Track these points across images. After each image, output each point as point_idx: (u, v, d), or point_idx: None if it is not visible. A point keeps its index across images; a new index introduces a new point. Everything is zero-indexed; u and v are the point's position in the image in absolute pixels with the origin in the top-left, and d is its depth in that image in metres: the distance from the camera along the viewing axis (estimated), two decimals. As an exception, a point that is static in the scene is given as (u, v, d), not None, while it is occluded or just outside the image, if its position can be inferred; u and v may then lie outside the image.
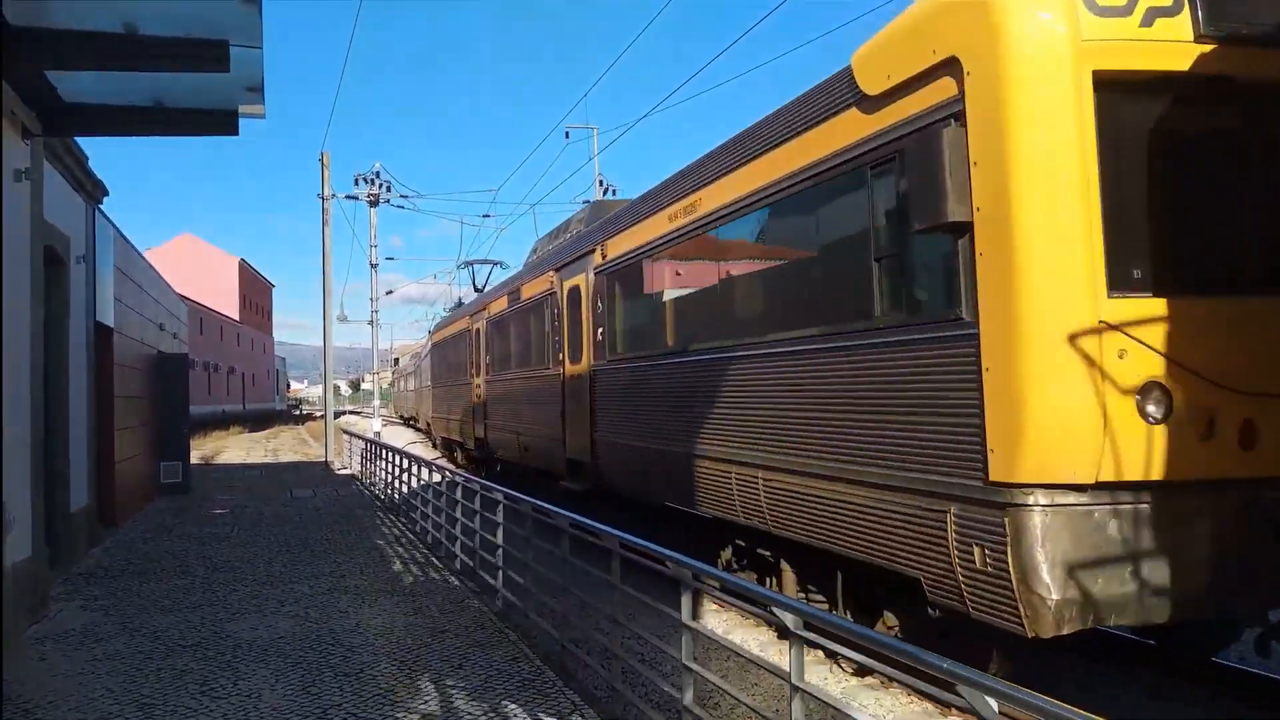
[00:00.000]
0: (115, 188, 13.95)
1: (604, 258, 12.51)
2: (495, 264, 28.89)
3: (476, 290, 27.48)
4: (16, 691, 6.59)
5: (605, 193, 30.13)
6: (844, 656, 4.81)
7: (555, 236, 17.51)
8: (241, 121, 9.46)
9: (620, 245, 11.97)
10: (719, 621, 9.57)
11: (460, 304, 31.28)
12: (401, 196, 33.77)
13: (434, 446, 34.10)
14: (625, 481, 12.07)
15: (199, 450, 34.30)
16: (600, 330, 12.68)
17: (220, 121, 9.21)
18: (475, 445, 22.15)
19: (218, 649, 7.67)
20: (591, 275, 12.98)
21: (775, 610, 4.32)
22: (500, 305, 19.30)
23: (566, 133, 29.64)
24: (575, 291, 13.85)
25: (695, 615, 6.78)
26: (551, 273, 15.14)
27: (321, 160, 29.46)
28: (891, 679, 6.99)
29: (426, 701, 6.28)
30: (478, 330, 21.81)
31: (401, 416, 63.52)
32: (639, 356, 11.39)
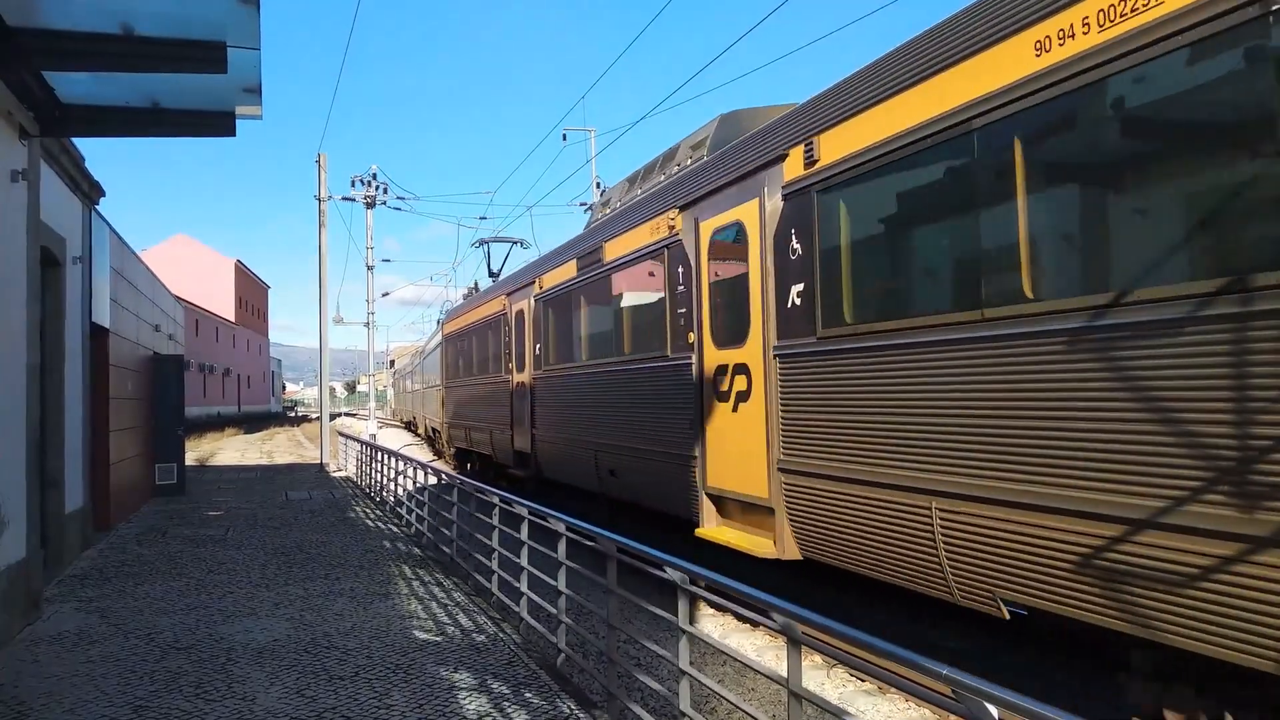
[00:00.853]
0: (111, 188, 13.92)
1: (811, 163, 7.62)
2: (515, 242, 25.98)
3: (492, 275, 24.56)
4: (10, 693, 6.57)
5: (602, 195, 29.82)
6: (842, 662, 4.79)
7: (644, 178, 12.71)
8: (239, 122, 9.45)
9: (869, 128, 6.92)
10: (715, 625, 9.56)
11: (475, 289, 26.20)
12: (398, 198, 33.74)
13: (436, 456, 31.61)
14: (869, 553, 7.04)
15: (194, 452, 34.27)
16: (797, 289, 7.84)
17: (217, 123, 9.20)
18: (515, 461, 17.40)
19: (212, 651, 7.64)
20: (773, 201, 8.22)
21: (776, 616, 4.30)
22: (563, 274, 14.46)
23: (564, 135, 29.60)
24: (729, 234, 9.12)
25: (692, 620, 6.77)
26: (673, 213, 10.29)
27: (318, 162, 29.44)
28: (891, 684, 6.96)
29: (421, 705, 6.26)
30: (520, 312, 17.03)
31: (404, 421, 58.09)
32: (930, 325, 6.30)
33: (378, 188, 33.56)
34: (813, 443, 7.65)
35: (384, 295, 48.79)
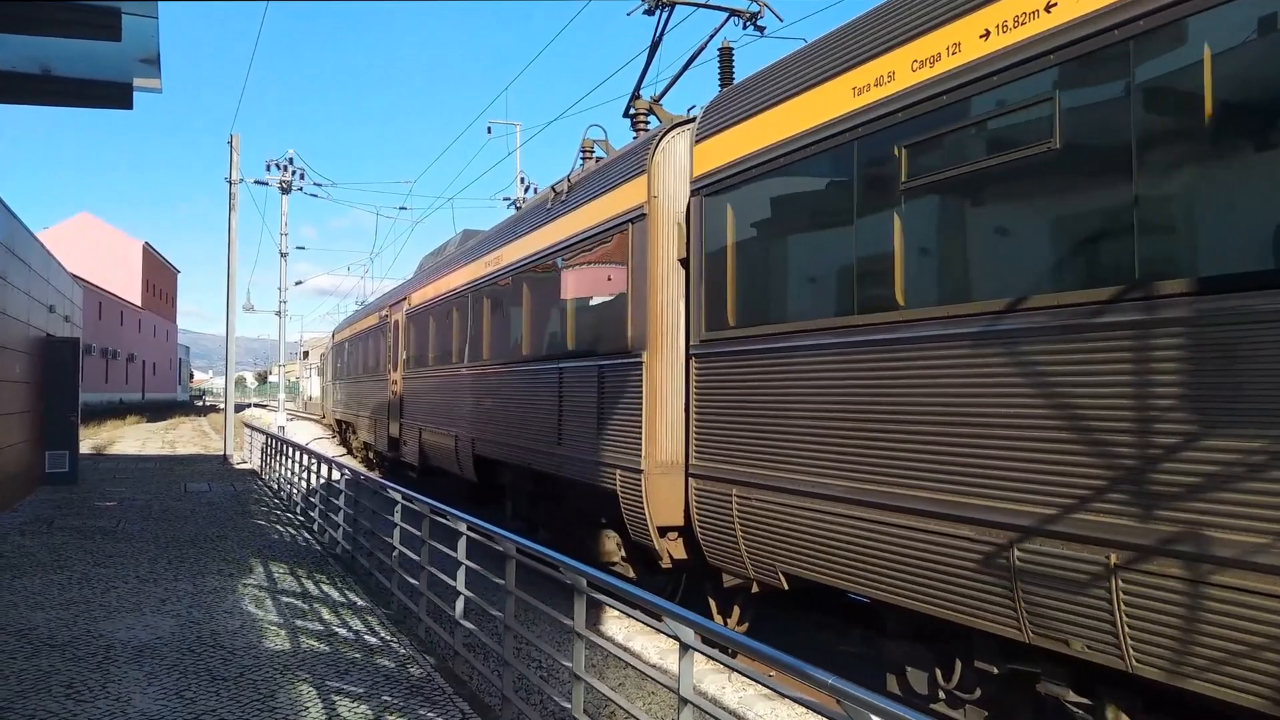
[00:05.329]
0: (6, 160, 13.25)
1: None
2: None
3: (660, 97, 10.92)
4: None
5: (526, 190, 29.24)
6: (732, 669, 4.73)
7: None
8: (139, 96, 9.03)
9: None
10: (619, 628, 9.47)
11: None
12: (315, 184, 32.92)
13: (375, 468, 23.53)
14: None
15: (91, 440, 32.94)
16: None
17: (112, 94, 8.76)
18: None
19: (89, 649, 7.27)
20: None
21: (669, 621, 4.22)
22: None
23: (489, 128, 29.23)
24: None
25: (594, 622, 6.67)
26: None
27: (230, 142, 28.50)
28: (779, 693, 6.94)
29: (307, 708, 6.02)
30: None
31: (334, 423, 35.70)
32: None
33: (294, 172, 32.66)
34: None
35: (297, 284, 47.55)
